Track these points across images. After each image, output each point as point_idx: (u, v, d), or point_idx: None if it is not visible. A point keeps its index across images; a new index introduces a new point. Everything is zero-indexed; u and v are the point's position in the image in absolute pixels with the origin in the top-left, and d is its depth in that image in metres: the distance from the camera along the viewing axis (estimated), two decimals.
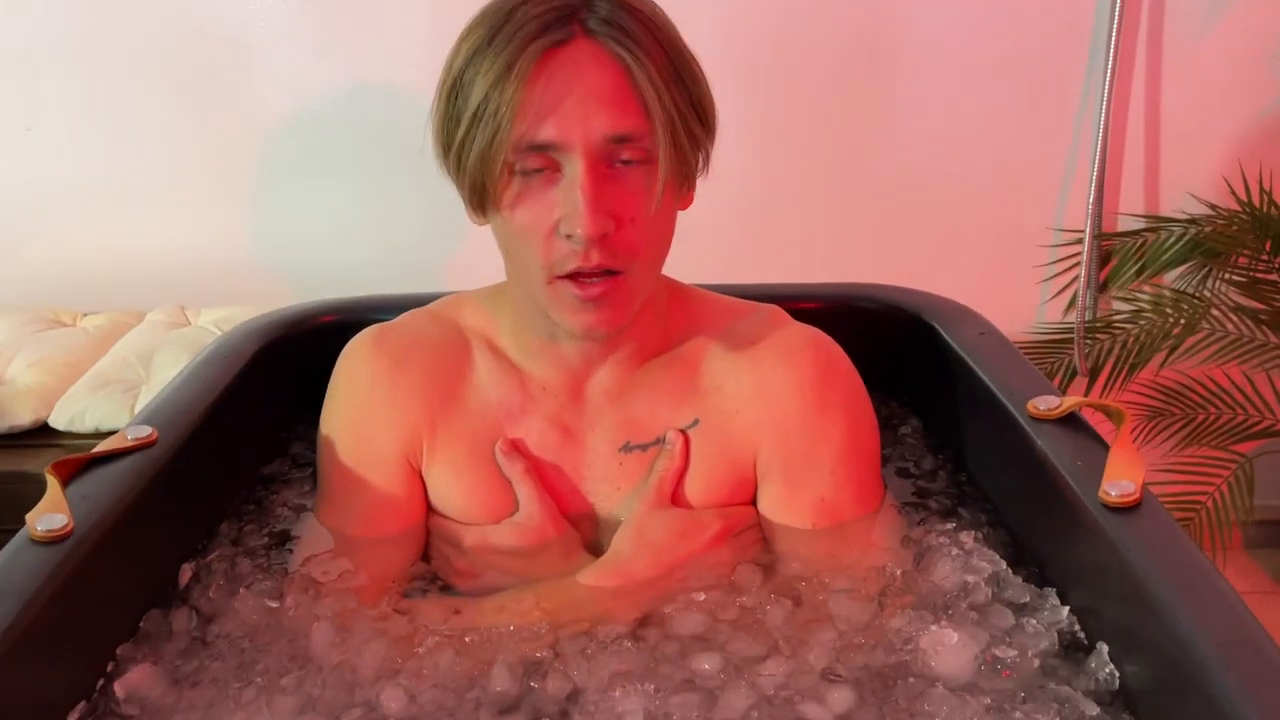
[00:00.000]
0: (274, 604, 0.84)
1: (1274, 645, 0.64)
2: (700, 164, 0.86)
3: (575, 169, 0.79)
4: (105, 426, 1.45)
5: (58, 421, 1.46)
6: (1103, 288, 1.81)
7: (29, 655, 0.69)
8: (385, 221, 1.80)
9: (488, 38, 0.80)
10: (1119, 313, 1.77)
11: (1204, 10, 1.69)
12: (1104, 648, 0.75)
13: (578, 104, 0.79)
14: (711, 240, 1.35)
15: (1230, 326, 1.73)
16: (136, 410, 1.44)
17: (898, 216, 1.78)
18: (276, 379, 1.07)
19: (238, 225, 1.81)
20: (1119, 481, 0.78)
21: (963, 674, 0.76)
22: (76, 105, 1.73)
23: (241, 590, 0.86)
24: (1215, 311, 1.73)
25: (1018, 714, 0.72)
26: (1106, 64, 1.67)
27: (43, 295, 1.77)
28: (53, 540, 0.75)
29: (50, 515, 0.77)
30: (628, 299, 0.84)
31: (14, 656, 0.68)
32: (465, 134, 0.81)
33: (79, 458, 0.84)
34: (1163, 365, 1.73)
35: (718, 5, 1.66)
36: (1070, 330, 1.76)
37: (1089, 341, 1.75)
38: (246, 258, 1.81)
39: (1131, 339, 1.72)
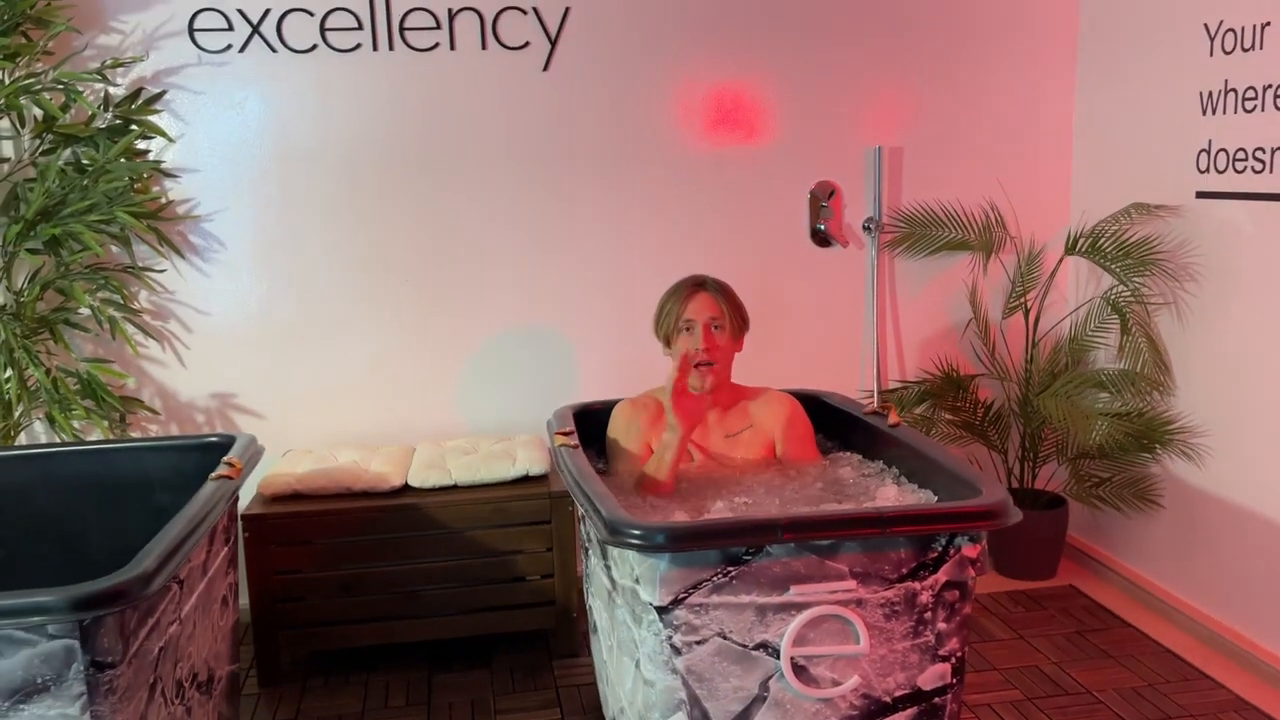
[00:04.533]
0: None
1: (932, 440, 2.39)
2: (743, 335, 2.64)
3: (698, 329, 2.56)
4: (437, 484, 3.00)
5: (413, 482, 3.01)
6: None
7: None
8: (518, 383, 3.46)
9: (673, 292, 2.60)
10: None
11: (913, 284, 3.66)
12: (894, 468, 2.48)
13: (700, 308, 2.57)
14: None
15: (946, 431, 3.59)
16: (452, 475, 3.01)
17: (795, 371, 3.58)
18: (581, 423, 2.70)
19: (450, 396, 3.43)
20: (891, 420, 2.55)
21: (851, 476, 2.47)
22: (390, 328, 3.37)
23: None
24: (939, 425, 3.59)
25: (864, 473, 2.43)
26: (873, 311, 3.60)
27: (355, 440, 3.32)
28: (575, 447, 2.38)
29: (569, 442, 2.39)
30: (717, 376, 2.58)
31: (583, 475, 2.28)
32: (664, 319, 2.59)
33: (561, 432, 2.46)
34: None
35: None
36: None
37: None
38: (457, 411, 3.42)
39: None
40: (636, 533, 1.86)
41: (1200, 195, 3.07)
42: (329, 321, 3.34)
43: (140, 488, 2.56)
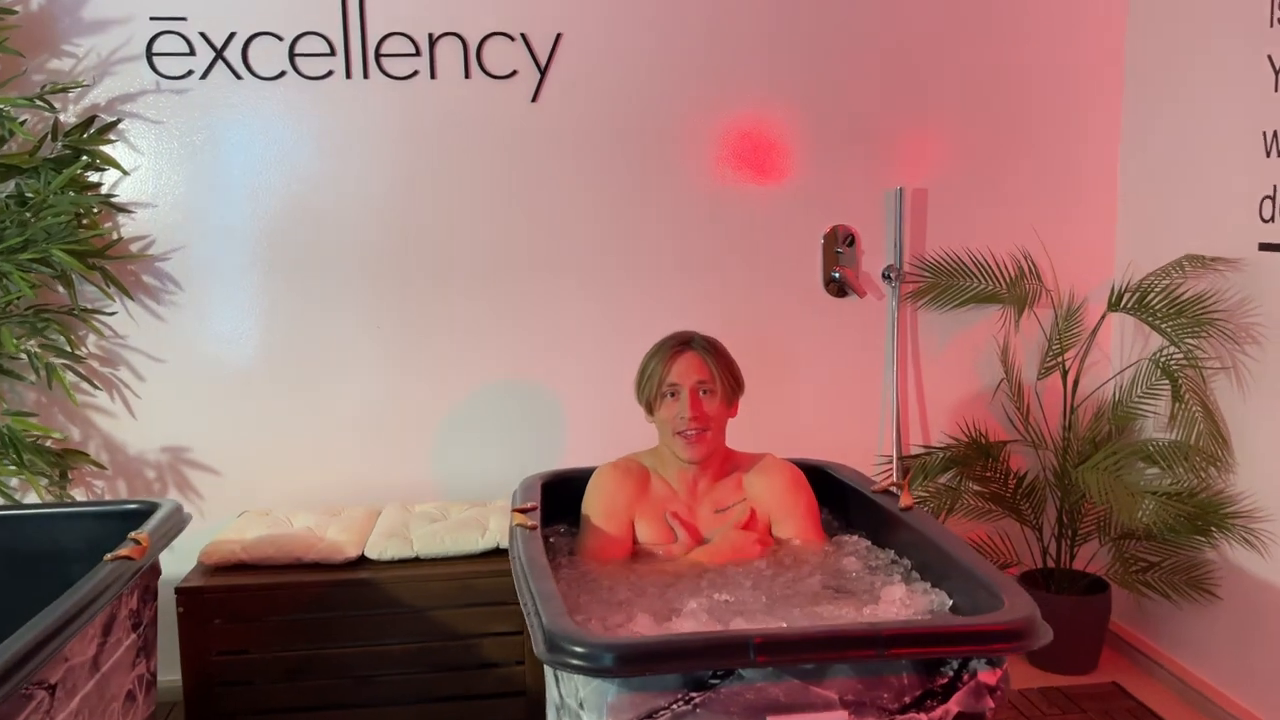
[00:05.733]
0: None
1: (953, 533, 2.05)
2: (736, 398, 2.32)
3: (684, 394, 2.23)
4: (397, 556, 2.69)
5: (370, 554, 2.70)
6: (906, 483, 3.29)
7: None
8: (499, 443, 3.16)
9: (655, 351, 2.28)
10: (919, 497, 3.25)
11: (938, 339, 3.32)
12: (905, 559, 2.14)
13: (685, 371, 2.24)
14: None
15: (973, 503, 3.23)
16: (414, 547, 2.70)
17: (801, 437, 3.24)
18: (547, 494, 2.39)
19: (423, 456, 3.13)
20: (903, 503, 2.20)
21: (855, 568, 2.13)
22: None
23: (567, 563, 2.17)
24: (965, 496, 3.23)
25: (877, 580, 2.09)
26: (894, 369, 3.26)
27: (317, 501, 3.03)
28: (532, 528, 2.06)
29: (525, 522, 2.08)
30: (705, 444, 2.26)
31: (533, 568, 1.97)
32: (645, 383, 2.26)
33: (521, 508, 2.15)
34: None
35: None
36: None
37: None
38: (429, 473, 3.12)
39: None
40: (579, 650, 1.54)
41: (1264, 247, 2.71)
42: (294, 371, 3.06)
43: (52, 559, 2.29)
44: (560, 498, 2.41)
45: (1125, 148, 3.28)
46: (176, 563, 2.78)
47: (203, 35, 2.89)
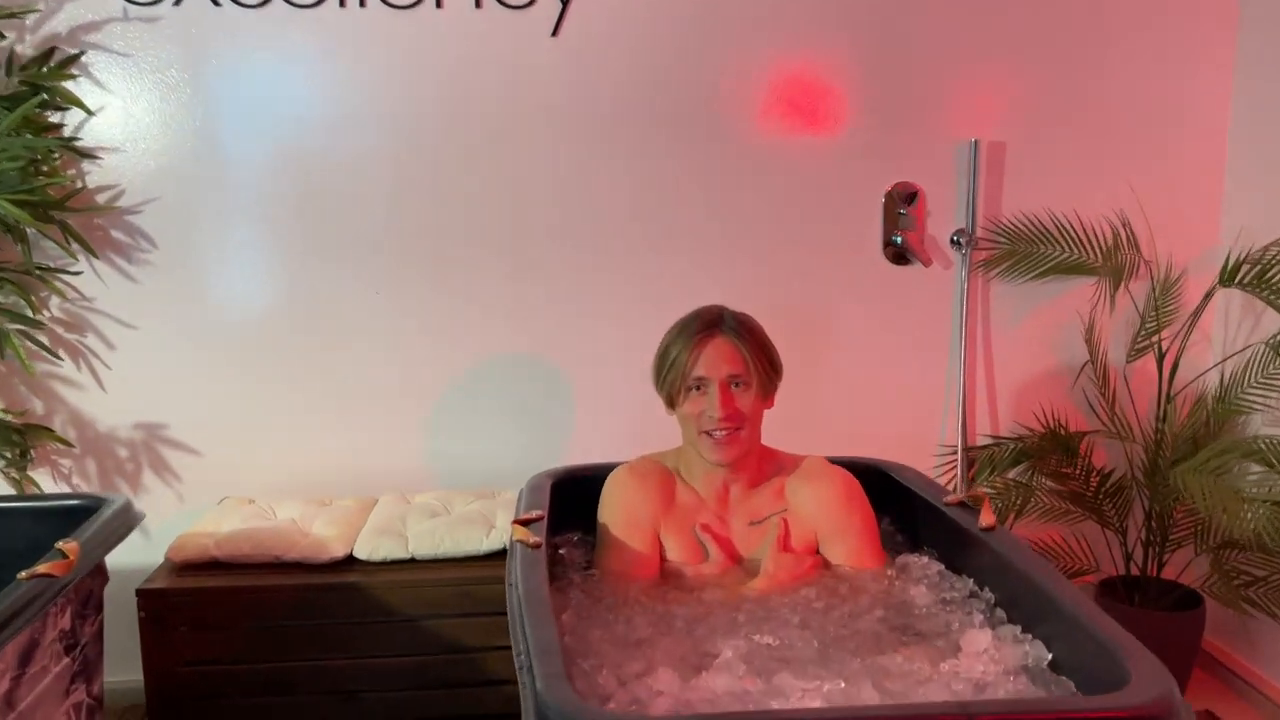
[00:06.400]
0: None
1: (1049, 563, 1.67)
2: (774, 388, 1.93)
3: (713, 389, 1.85)
4: (389, 556, 2.36)
5: (359, 553, 2.37)
6: (971, 480, 2.91)
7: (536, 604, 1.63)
8: (512, 428, 2.80)
9: (678, 333, 1.89)
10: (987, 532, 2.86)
11: (1012, 314, 2.91)
12: (988, 591, 1.76)
13: (715, 361, 1.86)
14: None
15: (1047, 502, 2.84)
16: (409, 546, 2.37)
17: (855, 424, 2.86)
18: (559, 497, 2.04)
19: (425, 441, 2.78)
20: (984, 521, 1.82)
21: (925, 600, 1.76)
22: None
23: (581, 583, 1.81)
24: (1039, 494, 2.84)
25: (956, 616, 1.72)
26: (961, 348, 2.86)
27: (307, 488, 2.69)
28: (536, 547, 1.71)
29: (528, 539, 1.73)
30: (736, 445, 1.88)
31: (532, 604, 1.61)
32: (667, 372, 1.88)
33: (523, 519, 1.80)
34: (1010, 528, 2.81)
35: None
36: None
37: None
38: (432, 460, 2.78)
39: None
40: None
41: None
42: (284, 341, 2.72)
43: None
44: (575, 499, 2.05)
45: (1238, 94, 2.83)
46: (145, 554, 2.48)
47: None
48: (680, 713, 1.37)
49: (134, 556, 2.43)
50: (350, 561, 2.39)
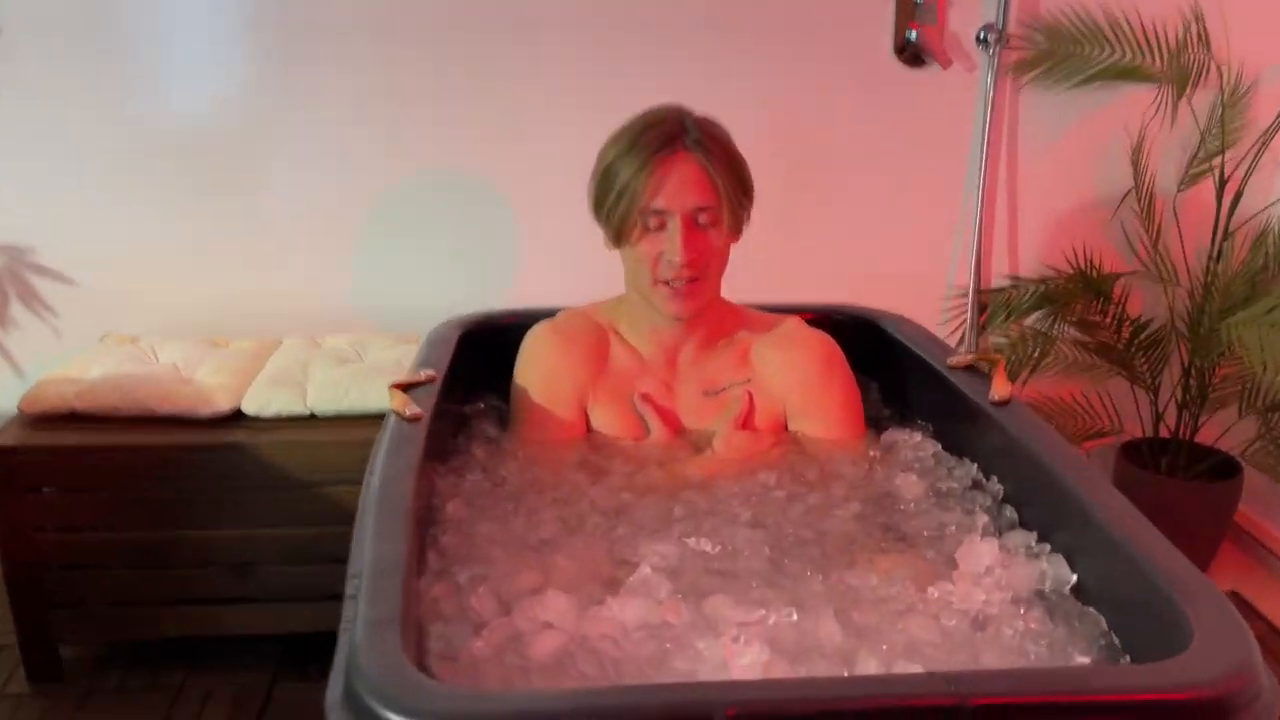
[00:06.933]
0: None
1: (1079, 453, 1.27)
2: (745, 219, 1.50)
3: (675, 225, 1.42)
4: (284, 412, 1.98)
5: (248, 408, 1.99)
6: (982, 328, 2.49)
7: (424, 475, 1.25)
8: (441, 269, 2.39)
9: (628, 147, 1.43)
10: (996, 344, 2.46)
11: (1045, 129, 2.43)
12: (995, 482, 1.38)
13: (679, 190, 1.42)
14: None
15: (1069, 354, 2.44)
16: (308, 400, 1.99)
17: (847, 262, 2.43)
18: (471, 353, 1.64)
19: (343, 274, 2.37)
20: (998, 392, 1.42)
21: (915, 492, 1.38)
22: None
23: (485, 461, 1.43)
24: (1061, 345, 2.43)
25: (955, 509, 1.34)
26: (980, 171, 2.40)
27: (201, 326, 2.30)
28: (414, 419, 1.32)
29: (408, 409, 1.33)
30: (700, 296, 1.46)
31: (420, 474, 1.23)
32: (614, 201, 1.43)
33: (403, 383, 1.40)
34: (1025, 384, 2.42)
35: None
36: None
37: None
38: (351, 297, 2.37)
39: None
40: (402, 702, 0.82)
41: None
42: (174, 145, 2.27)
43: None
44: (493, 351, 1.65)
45: None
46: (7, 399, 2.12)
47: None
48: (561, 665, 1.00)
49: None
50: (238, 417, 2.01)
